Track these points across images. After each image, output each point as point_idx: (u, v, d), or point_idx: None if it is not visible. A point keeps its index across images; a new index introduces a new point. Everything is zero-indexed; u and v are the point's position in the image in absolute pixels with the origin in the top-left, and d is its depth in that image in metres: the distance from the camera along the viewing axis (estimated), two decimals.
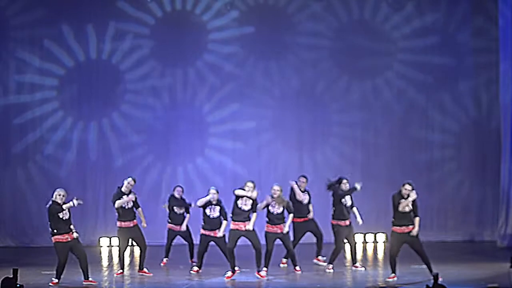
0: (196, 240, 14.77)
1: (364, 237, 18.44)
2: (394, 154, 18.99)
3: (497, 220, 18.02)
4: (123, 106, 19.08)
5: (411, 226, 13.39)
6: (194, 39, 19.00)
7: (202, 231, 14.19)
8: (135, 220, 14.30)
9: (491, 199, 18.71)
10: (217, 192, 14.10)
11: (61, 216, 13.22)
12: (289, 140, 19.09)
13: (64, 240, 13.28)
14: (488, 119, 18.91)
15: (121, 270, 14.49)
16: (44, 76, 18.92)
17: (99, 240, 18.62)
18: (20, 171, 18.86)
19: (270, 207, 14.04)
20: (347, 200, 14.57)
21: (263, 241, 13.92)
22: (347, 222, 14.51)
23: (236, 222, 13.80)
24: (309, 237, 15.38)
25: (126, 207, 14.23)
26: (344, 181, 14.62)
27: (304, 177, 15.29)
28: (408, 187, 13.41)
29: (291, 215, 14.09)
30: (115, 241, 18.21)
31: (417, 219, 13.43)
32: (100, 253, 17.67)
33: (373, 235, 18.58)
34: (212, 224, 14.09)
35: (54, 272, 13.35)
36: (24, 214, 18.61)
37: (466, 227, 18.85)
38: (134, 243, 14.68)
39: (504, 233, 17.59)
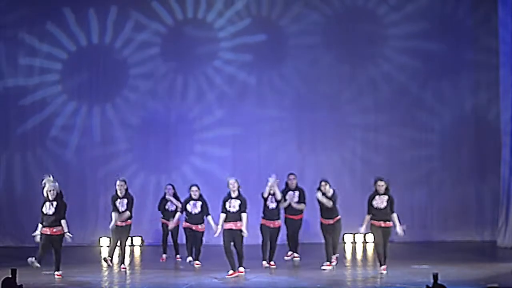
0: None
1: (364, 237, 18.42)
2: (393, 153, 18.98)
3: (497, 220, 18.01)
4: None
5: (388, 222, 13.94)
6: (198, 36, 19.09)
7: (185, 224, 15.00)
8: (128, 220, 14.78)
9: (491, 199, 18.69)
10: (199, 188, 14.81)
11: (44, 211, 13.88)
12: (290, 142, 19.09)
13: (45, 233, 13.92)
14: (489, 118, 18.90)
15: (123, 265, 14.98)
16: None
17: (99, 240, 18.62)
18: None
19: (267, 202, 14.57)
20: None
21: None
22: (329, 221, 14.54)
23: (227, 223, 14.01)
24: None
25: (120, 210, 14.67)
26: (323, 183, 14.67)
27: (293, 174, 15.39)
28: (380, 183, 13.91)
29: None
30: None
31: (394, 215, 13.94)
32: (100, 253, 17.66)
33: (373, 235, 18.45)
34: (193, 219, 14.86)
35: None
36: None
37: (466, 227, 18.83)
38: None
39: (504, 233, 17.58)
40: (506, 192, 17.62)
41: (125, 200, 14.71)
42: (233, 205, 14.04)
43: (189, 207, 14.81)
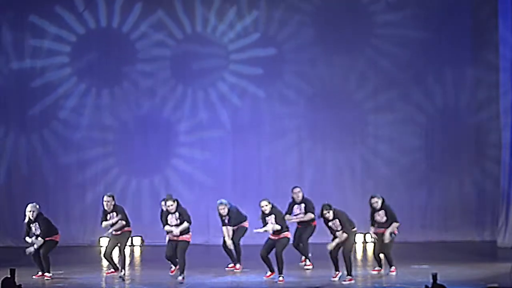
0: None
1: (364, 237, 18.39)
2: (393, 153, 18.96)
3: (497, 220, 18.00)
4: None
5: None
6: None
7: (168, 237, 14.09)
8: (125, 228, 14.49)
9: (491, 199, 18.67)
10: (174, 201, 13.75)
11: (33, 230, 14.15)
12: (290, 143, 19.10)
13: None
14: (489, 118, 18.87)
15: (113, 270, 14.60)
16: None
17: (99, 240, 18.60)
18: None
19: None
20: None
21: None
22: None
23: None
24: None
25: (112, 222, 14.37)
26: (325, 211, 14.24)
27: (297, 187, 15.21)
28: (373, 200, 14.07)
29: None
30: None
31: (394, 224, 14.05)
32: (100, 253, 17.64)
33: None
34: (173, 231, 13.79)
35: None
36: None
37: (466, 227, 18.80)
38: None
39: (504, 233, 17.57)
40: (506, 192, 17.60)
41: (114, 214, 14.33)
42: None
43: (168, 220, 13.91)
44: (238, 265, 14.75)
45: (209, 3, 19.00)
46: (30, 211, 14.12)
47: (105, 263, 15.81)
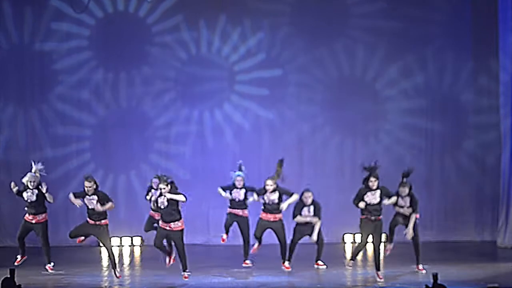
0: None
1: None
2: (392, 153, 18.97)
3: (497, 220, 18.02)
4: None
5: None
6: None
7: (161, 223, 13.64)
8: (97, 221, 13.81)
9: (491, 199, 18.69)
10: (159, 178, 13.43)
11: (25, 198, 14.02)
12: (290, 142, 19.12)
13: (29, 220, 14.23)
14: (489, 118, 18.87)
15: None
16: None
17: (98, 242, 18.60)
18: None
19: (265, 196, 14.49)
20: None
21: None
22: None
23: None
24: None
25: (90, 206, 13.75)
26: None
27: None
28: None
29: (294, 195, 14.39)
30: (115, 241, 18.23)
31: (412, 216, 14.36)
32: (100, 253, 17.67)
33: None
34: (163, 215, 13.46)
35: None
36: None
37: (466, 227, 18.82)
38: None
39: (504, 233, 17.58)
40: (506, 192, 17.62)
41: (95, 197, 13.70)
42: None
43: (159, 200, 13.44)
44: (248, 261, 14.86)
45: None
46: (30, 181, 13.92)
47: (105, 263, 15.84)
